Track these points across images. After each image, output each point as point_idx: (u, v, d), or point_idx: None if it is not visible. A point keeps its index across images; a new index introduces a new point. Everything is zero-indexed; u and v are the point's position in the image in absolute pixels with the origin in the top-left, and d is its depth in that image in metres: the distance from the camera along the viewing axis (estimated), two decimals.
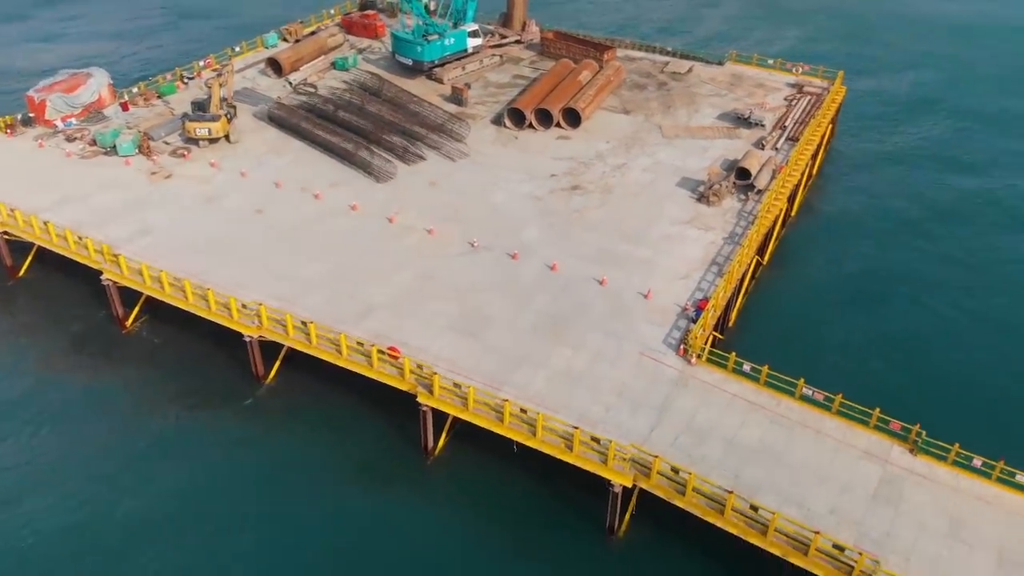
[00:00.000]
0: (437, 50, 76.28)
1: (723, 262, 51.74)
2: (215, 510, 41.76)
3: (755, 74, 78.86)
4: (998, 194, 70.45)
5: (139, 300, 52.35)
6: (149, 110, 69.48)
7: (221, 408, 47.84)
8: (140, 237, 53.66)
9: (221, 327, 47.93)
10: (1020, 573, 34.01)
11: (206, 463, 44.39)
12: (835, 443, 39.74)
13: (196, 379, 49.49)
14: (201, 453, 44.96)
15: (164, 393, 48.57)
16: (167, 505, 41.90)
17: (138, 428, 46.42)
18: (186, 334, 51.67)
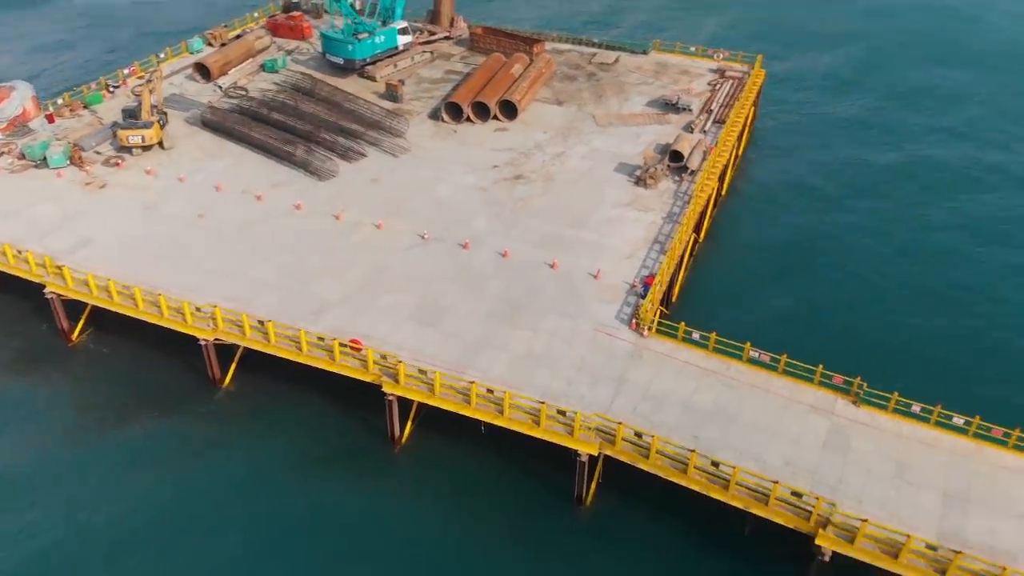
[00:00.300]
0: (368, 48, 76.60)
1: (664, 240, 53.87)
2: (187, 518, 41.43)
3: (679, 62, 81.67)
4: (911, 166, 74.87)
5: (84, 312, 51.32)
6: (76, 121, 67.77)
7: (180, 416, 47.37)
8: (81, 248, 52.66)
9: (172, 333, 47.51)
10: (963, 507, 36.81)
11: (171, 473, 43.88)
12: (784, 400, 42.15)
13: (151, 388, 48.88)
14: (165, 463, 44.41)
15: (119, 405, 47.84)
16: (139, 519, 41.33)
17: (98, 443, 45.68)
18: (135, 343, 51.03)
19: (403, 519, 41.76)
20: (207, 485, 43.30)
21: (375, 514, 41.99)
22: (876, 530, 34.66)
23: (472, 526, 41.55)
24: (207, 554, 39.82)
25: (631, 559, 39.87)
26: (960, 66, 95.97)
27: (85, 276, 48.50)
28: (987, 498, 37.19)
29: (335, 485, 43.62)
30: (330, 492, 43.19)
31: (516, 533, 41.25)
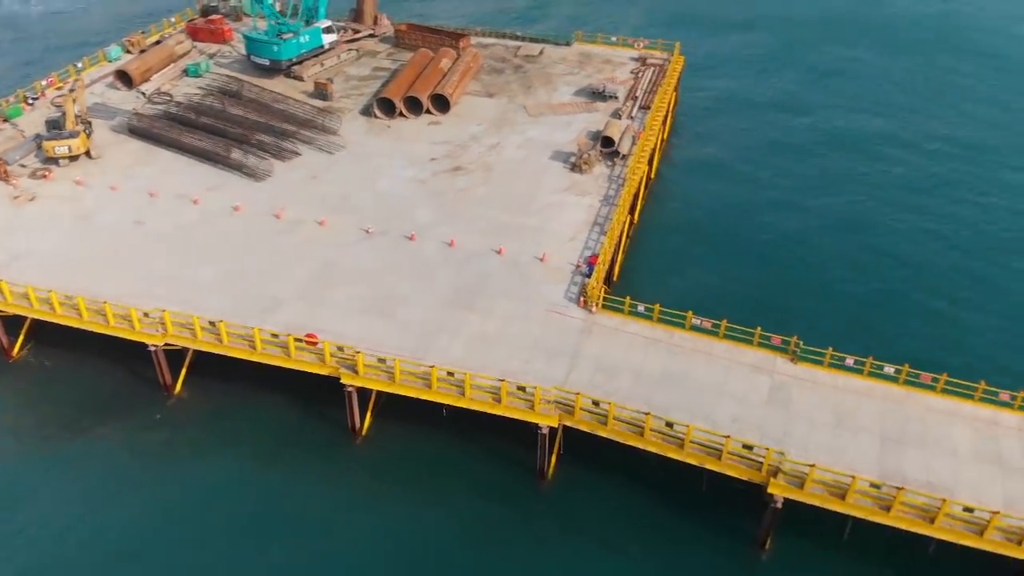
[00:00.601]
0: (294, 48, 76.39)
1: (603, 222, 55.83)
2: (148, 530, 40.98)
3: (601, 51, 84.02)
4: (823, 140, 79.46)
5: (24, 326, 50.11)
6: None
7: (132, 427, 46.67)
8: (15, 262, 51.28)
9: (118, 343, 47.06)
10: (898, 449, 39.76)
11: (128, 485, 43.28)
12: (727, 362, 44.56)
13: (100, 401, 48.02)
14: (120, 476, 43.81)
15: (68, 421, 46.84)
16: (98, 536, 40.71)
17: (49, 461, 44.67)
18: (80, 355, 50.10)
19: (369, 509, 42.41)
20: (165, 494, 42.79)
21: (340, 507, 42.38)
22: (823, 474, 37.19)
23: (438, 509, 42.42)
24: (172, 563, 39.54)
25: (595, 526, 41.54)
26: (866, 46, 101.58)
27: (24, 289, 47.32)
28: (921, 439, 40.28)
29: (298, 482, 43.73)
30: (294, 489, 43.32)
31: (482, 512, 42.40)
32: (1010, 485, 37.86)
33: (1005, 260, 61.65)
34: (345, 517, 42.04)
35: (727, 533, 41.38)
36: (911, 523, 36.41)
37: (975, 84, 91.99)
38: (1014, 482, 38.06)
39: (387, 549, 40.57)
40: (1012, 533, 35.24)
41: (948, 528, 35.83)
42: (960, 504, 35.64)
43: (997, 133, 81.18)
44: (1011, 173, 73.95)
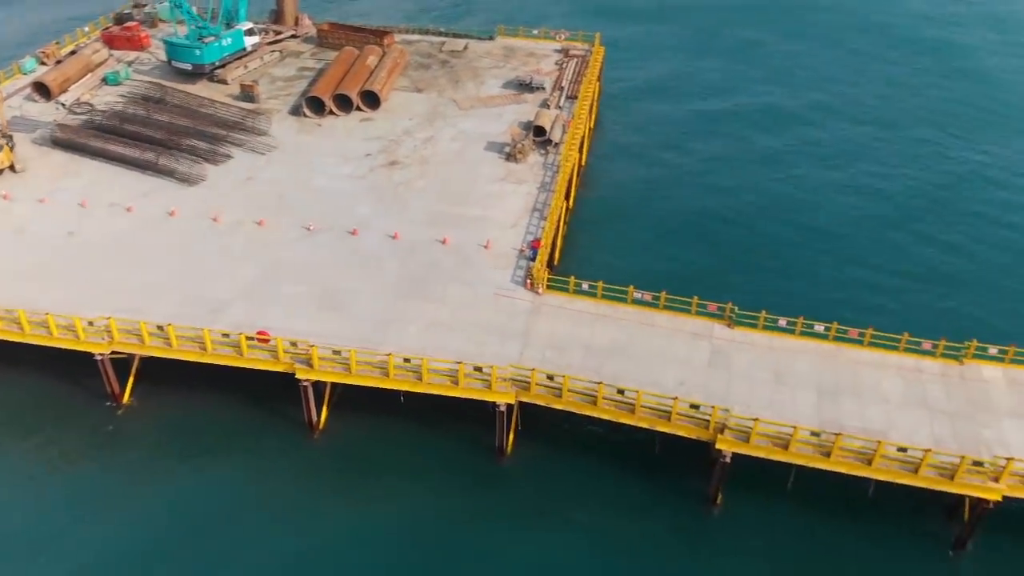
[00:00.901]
0: (216, 51, 75.51)
1: (542, 208, 57.42)
2: (115, 541, 40.65)
3: (524, 45, 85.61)
4: (738, 109, 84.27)
5: None
6: None
7: (81, 441, 45.90)
8: None
9: (60, 355, 46.27)
10: (833, 400, 42.45)
11: (86, 496, 42.80)
12: (668, 331, 46.70)
13: (48, 415, 47.02)
14: (77, 487, 43.26)
15: (16, 436, 45.87)
16: (69, 550, 40.15)
17: (6, 473, 43.81)
18: (21, 370, 48.88)
19: (332, 502, 42.79)
20: (122, 505, 42.30)
21: (303, 502, 42.62)
22: (766, 427, 39.55)
23: (402, 495, 43.21)
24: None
25: (555, 496, 43.06)
26: (772, 29, 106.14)
27: None
28: (854, 389, 43.15)
29: (258, 482, 43.77)
30: (254, 489, 43.39)
31: (445, 493, 43.38)
32: (937, 426, 40.96)
33: (915, 226, 65.73)
34: (308, 512, 42.28)
35: (680, 493, 43.48)
36: (851, 467, 39.05)
37: (877, 62, 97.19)
38: (940, 423, 41.17)
39: (354, 539, 41.12)
40: (943, 469, 38.16)
41: (885, 468, 38.59)
42: (894, 445, 38.40)
43: (897, 106, 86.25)
44: (916, 145, 78.61)
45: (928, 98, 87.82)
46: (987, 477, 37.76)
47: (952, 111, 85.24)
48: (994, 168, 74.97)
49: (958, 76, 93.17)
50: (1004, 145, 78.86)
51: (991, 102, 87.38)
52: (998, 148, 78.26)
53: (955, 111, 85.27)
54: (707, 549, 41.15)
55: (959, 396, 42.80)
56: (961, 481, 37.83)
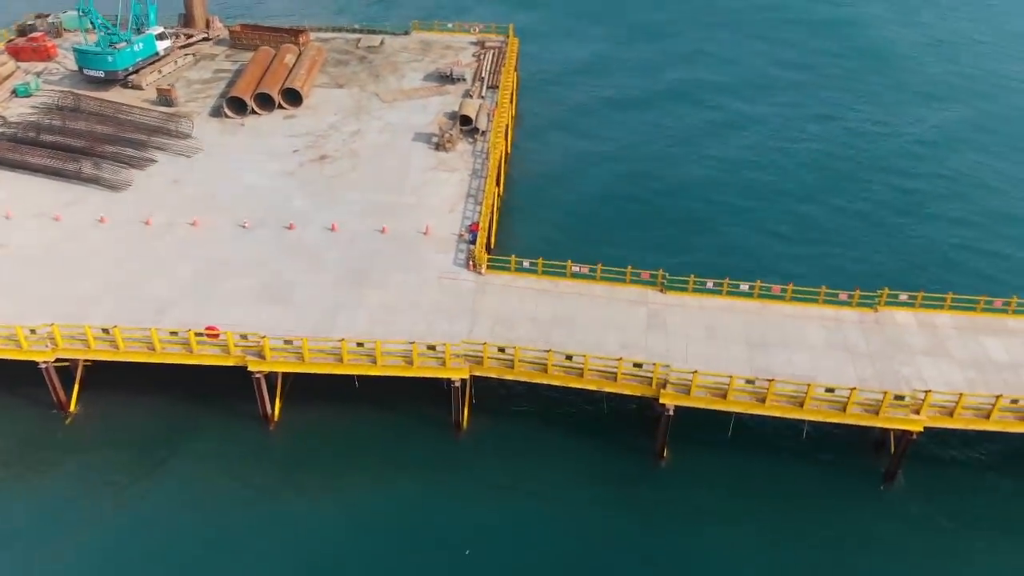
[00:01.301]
0: (129, 57, 74.18)
1: (476, 193, 58.99)
2: (70, 547, 40.25)
3: (440, 38, 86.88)
4: (647, 92, 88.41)
5: None
6: None
7: (30, 453, 45.15)
8: None
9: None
10: (763, 351, 45.39)
11: (38, 508, 42.14)
12: (606, 300, 49.02)
13: None
14: (30, 500, 42.54)
15: None
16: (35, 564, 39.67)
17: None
18: None
19: (290, 492, 43.22)
20: (74, 514, 41.82)
21: (262, 496, 42.95)
22: (705, 379, 42.18)
23: (361, 480, 44.16)
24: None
25: (510, 465, 44.76)
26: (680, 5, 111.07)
27: None
28: (781, 340, 46.28)
29: (213, 479, 43.83)
30: (209, 488, 43.38)
31: (404, 473, 44.46)
32: (859, 367, 44.40)
33: (823, 197, 70.05)
34: (270, 504, 42.64)
35: (629, 451, 45.78)
36: (785, 410, 42.11)
37: (778, 44, 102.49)
38: (862, 364, 44.66)
39: (320, 526, 41.52)
40: (869, 405, 41.47)
41: (816, 409, 41.73)
42: (823, 386, 41.59)
43: (805, 76, 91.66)
44: (817, 123, 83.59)
45: (828, 75, 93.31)
46: (909, 410, 41.30)
47: (851, 86, 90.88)
48: (889, 134, 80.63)
49: (854, 53, 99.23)
50: (898, 113, 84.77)
51: (883, 75, 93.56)
52: (893, 117, 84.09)
53: (854, 86, 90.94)
54: (657, 502, 43.36)
55: (877, 339, 46.49)
56: (886, 416, 41.27)
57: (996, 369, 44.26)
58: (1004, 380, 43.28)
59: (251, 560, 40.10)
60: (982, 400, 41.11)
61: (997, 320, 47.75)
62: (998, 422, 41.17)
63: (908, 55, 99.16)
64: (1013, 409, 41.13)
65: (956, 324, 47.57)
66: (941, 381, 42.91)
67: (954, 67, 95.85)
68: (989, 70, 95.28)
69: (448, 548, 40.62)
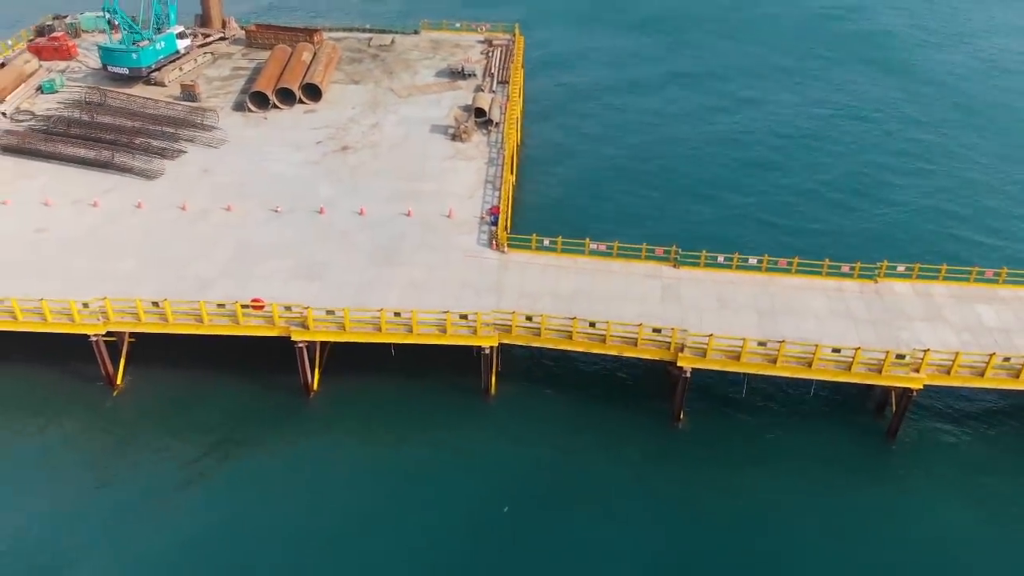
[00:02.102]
0: (152, 55, 77.01)
1: (493, 180, 62.05)
2: (119, 521, 41.98)
3: (449, 37, 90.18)
4: (641, 79, 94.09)
5: None
6: None
7: (81, 424, 47.28)
8: None
9: (42, 344, 48.47)
10: (772, 318, 48.50)
11: (90, 477, 44.18)
12: (624, 275, 52.09)
13: (40, 403, 48.22)
14: (81, 471, 44.45)
15: (16, 426, 47.05)
16: (79, 533, 41.61)
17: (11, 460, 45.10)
18: (5, 363, 50.10)
19: (334, 459, 45.56)
20: (125, 484, 43.80)
21: (304, 464, 45.17)
22: (720, 342, 45.24)
23: (395, 442, 46.72)
24: (142, 556, 40.53)
25: (536, 428, 47.44)
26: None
27: None
28: (788, 309, 49.44)
29: (258, 449, 46.06)
30: (255, 458, 45.56)
31: (434, 435, 47.05)
32: (862, 331, 47.58)
33: (821, 186, 73.86)
34: (311, 472, 44.76)
35: (646, 415, 48.58)
36: (794, 370, 45.22)
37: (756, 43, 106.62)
38: (864, 330, 47.84)
39: (357, 489, 43.86)
40: (872, 365, 44.64)
41: (823, 369, 44.87)
42: (829, 347, 44.75)
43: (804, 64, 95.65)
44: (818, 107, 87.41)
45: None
46: (909, 369, 44.50)
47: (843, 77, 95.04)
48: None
49: (846, 41, 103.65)
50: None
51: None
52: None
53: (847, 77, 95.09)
54: (675, 464, 46.00)
55: (877, 307, 49.75)
56: (888, 374, 44.44)
57: (988, 333, 47.58)
58: (996, 342, 46.54)
59: (293, 521, 42.27)
60: (977, 359, 44.37)
61: (988, 289, 51.14)
62: (992, 379, 44.45)
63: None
64: (1006, 367, 44.38)
65: (951, 293, 50.91)
66: (938, 343, 46.15)
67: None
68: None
69: (485, 505, 43.11)
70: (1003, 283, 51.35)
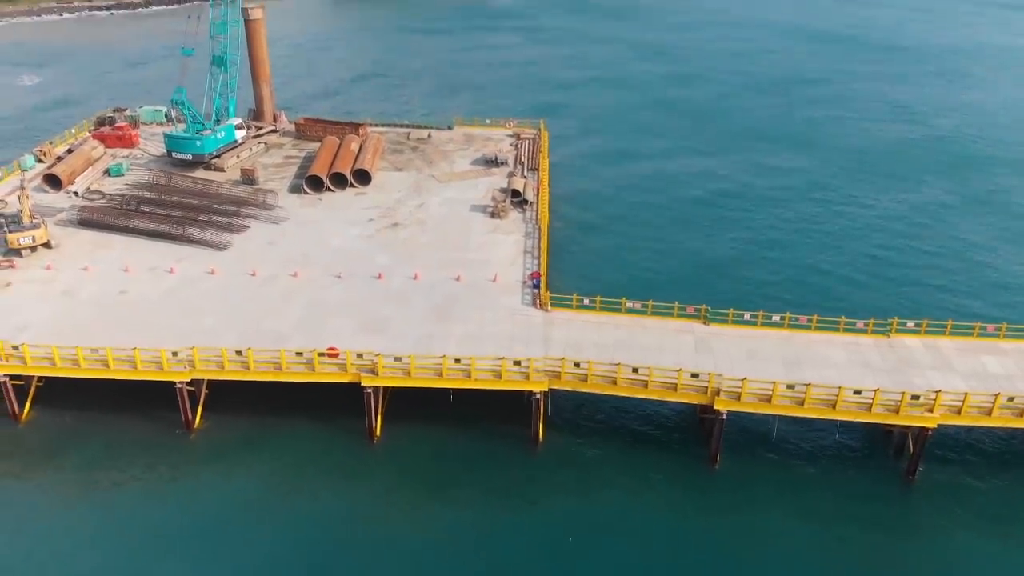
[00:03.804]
0: (214, 143, 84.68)
1: (532, 250, 68.14)
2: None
3: (481, 132, 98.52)
4: (663, 170, 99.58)
5: (30, 390, 54.14)
6: None
7: (160, 467, 50.99)
8: (20, 334, 55.04)
9: (119, 393, 53.31)
10: (797, 368, 53.26)
11: (172, 519, 47.34)
12: (658, 330, 57.26)
13: (125, 448, 52.15)
14: (155, 515, 47.54)
15: (102, 471, 50.63)
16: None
17: (104, 507, 48.36)
18: (86, 412, 54.50)
19: (395, 503, 48.97)
20: (205, 520, 47.39)
21: (364, 506, 48.60)
22: (752, 386, 50.00)
23: (445, 491, 49.83)
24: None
25: (584, 474, 51.21)
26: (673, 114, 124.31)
27: (48, 350, 51.93)
28: (810, 360, 54.33)
29: (326, 490, 49.50)
30: (322, 498, 48.95)
31: (486, 481, 50.54)
32: (879, 378, 52.14)
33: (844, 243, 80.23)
34: (372, 516, 47.94)
35: (684, 460, 52.67)
36: (820, 411, 49.78)
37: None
38: (880, 377, 52.47)
39: (424, 535, 46.83)
40: (889, 405, 49.26)
41: (846, 410, 49.45)
42: (851, 388, 49.48)
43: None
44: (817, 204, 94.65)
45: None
46: (923, 409, 49.13)
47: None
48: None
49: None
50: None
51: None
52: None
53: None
54: (715, 507, 49.43)
55: (891, 358, 54.70)
56: (905, 414, 49.05)
57: (994, 379, 52.37)
58: (1000, 387, 51.26)
59: (355, 558, 45.35)
60: (984, 399, 49.07)
61: (991, 343, 56.27)
62: (999, 418, 49.04)
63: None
64: (1011, 407, 49.05)
65: (957, 346, 56.01)
66: (948, 388, 50.87)
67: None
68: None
69: (545, 540, 46.50)
70: (1004, 337, 56.52)
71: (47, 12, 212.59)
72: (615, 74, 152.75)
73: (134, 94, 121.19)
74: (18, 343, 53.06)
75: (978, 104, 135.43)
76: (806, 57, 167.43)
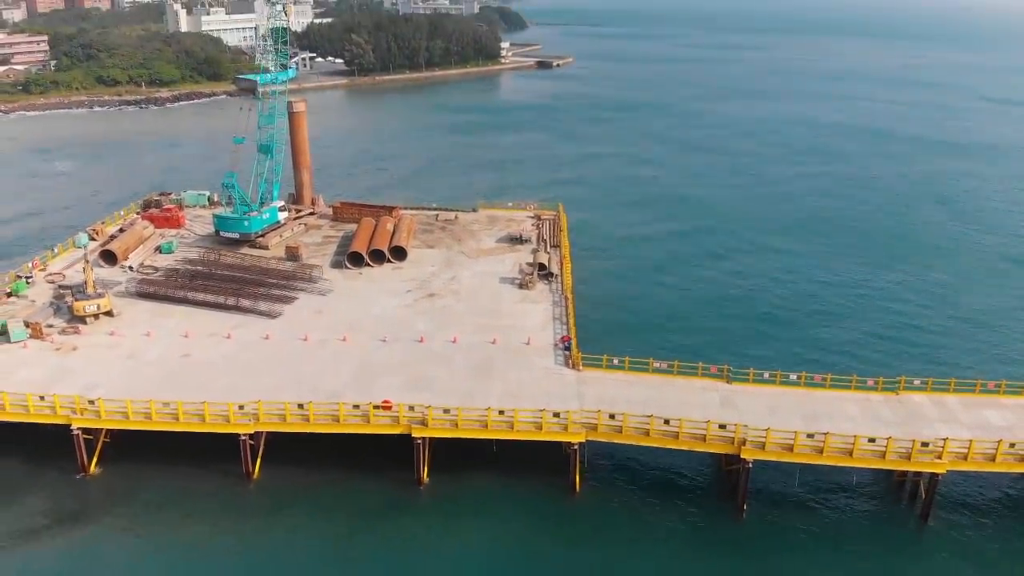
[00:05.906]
0: (259, 223, 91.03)
1: (560, 316, 73.28)
2: None
3: (503, 214, 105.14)
4: (677, 238, 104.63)
5: (98, 443, 58.27)
6: (7, 307, 73.56)
7: (220, 512, 55.00)
8: (90, 392, 59.50)
9: (183, 447, 57.58)
10: (815, 421, 57.33)
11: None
12: (685, 388, 61.75)
13: (189, 498, 56.10)
14: (221, 556, 51.85)
15: (160, 521, 54.29)
16: None
17: (166, 552, 52.26)
18: (154, 465, 58.62)
19: (440, 548, 52.70)
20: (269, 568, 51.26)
21: (421, 551, 52.39)
22: (776, 436, 54.19)
23: (484, 537, 53.60)
24: None
25: (620, 523, 54.75)
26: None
27: (122, 405, 56.43)
28: (827, 414, 58.56)
29: (379, 535, 53.43)
30: (374, 543, 52.88)
31: (529, 530, 54.19)
32: (890, 430, 56.29)
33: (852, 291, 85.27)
34: (425, 557, 51.98)
35: (712, 510, 56.37)
36: (838, 459, 53.81)
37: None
38: (892, 429, 56.63)
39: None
40: (902, 452, 53.40)
41: (861, 457, 53.52)
42: (866, 436, 53.67)
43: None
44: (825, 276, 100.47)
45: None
46: (933, 456, 53.24)
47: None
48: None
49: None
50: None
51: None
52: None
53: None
54: (743, 558, 52.73)
55: (901, 412, 59.03)
56: (916, 460, 53.13)
57: (996, 430, 56.52)
58: (1002, 436, 55.37)
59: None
60: (988, 446, 53.23)
61: (992, 399, 60.68)
62: (1003, 464, 53.09)
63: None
64: (1013, 452, 53.17)
65: (961, 402, 60.40)
66: (955, 437, 55.06)
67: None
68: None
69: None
70: (1003, 393, 61.01)
71: (78, 105, 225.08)
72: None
73: (169, 180, 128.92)
74: (93, 398, 57.50)
75: None
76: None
